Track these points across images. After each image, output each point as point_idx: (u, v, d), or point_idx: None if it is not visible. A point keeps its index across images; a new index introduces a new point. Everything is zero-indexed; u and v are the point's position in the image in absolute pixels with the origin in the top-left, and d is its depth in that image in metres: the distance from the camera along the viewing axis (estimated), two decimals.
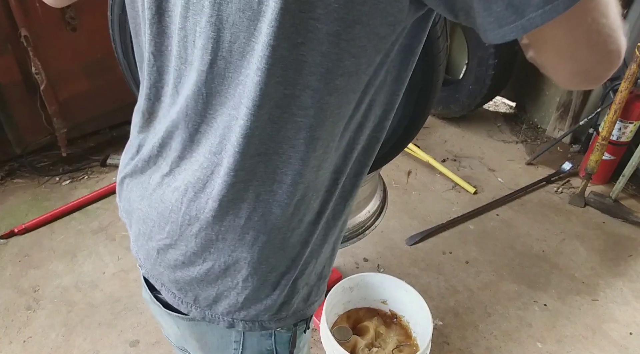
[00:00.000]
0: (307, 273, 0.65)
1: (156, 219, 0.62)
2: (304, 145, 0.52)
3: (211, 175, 0.55)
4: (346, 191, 0.62)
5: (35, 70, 2.14)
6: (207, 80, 0.52)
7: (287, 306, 0.64)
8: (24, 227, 2.08)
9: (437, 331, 1.71)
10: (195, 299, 0.63)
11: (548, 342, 1.70)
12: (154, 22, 0.56)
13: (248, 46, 0.48)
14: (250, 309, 0.62)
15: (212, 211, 0.56)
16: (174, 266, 0.62)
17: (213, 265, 0.59)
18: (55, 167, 2.50)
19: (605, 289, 1.91)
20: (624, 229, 2.22)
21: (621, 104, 2.10)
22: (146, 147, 0.64)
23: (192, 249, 0.59)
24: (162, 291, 0.67)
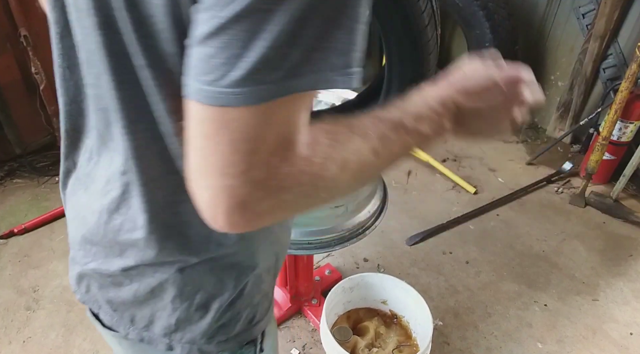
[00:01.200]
0: (247, 295, 0.60)
1: (80, 242, 0.60)
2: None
3: (123, 195, 0.52)
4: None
5: (35, 69, 2.14)
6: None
7: (226, 329, 0.60)
8: (23, 227, 2.08)
9: (437, 331, 1.71)
10: (132, 320, 0.60)
11: (548, 342, 1.70)
12: (64, 36, 0.53)
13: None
14: (185, 332, 0.59)
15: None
16: (105, 286, 0.60)
17: (139, 285, 0.57)
18: (55, 167, 2.50)
19: (605, 289, 1.91)
20: (625, 229, 2.22)
21: (621, 104, 2.09)
22: (79, 164, 0.60)
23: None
24: (100, 313, 0.63)
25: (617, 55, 2.44)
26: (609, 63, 2.48)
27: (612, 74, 2.49)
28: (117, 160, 0.51)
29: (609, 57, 2.48)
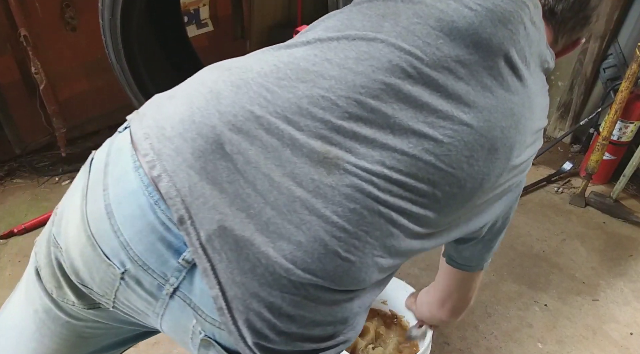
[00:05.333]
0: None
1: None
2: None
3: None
4: None
5: (35, 70, 2.14)
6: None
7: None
8: (23, 227, 2.08)
9: (437, 332, 1.71)
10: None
11: (548, 342, 1.70)
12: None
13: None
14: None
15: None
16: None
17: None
18: (54, 167, 2.50)
19: (605, 289, 1.91)
20: (625, 229, 2.22)
21: (622, 104, 2.09)
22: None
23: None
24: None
25: (617, 55, 2.44)
26: (609, 63, 2.48)
27: (612, 74, 2.49)
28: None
29: (609, 57, 2.48)
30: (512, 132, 0.67)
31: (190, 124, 0.58)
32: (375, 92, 0.60)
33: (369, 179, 0.58)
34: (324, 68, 0.61)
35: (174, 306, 0.61)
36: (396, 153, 0.60)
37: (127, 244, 0.59)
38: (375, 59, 0.62)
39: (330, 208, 0.56)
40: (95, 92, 2.47)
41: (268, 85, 0.60)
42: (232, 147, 0.57)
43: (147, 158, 0.59)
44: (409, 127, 0.61)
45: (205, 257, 0.56)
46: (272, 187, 0.56)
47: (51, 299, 0.72)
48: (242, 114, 0.58)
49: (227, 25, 3.04)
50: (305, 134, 0.58)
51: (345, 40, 0.64)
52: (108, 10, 1.73)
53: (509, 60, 0.67)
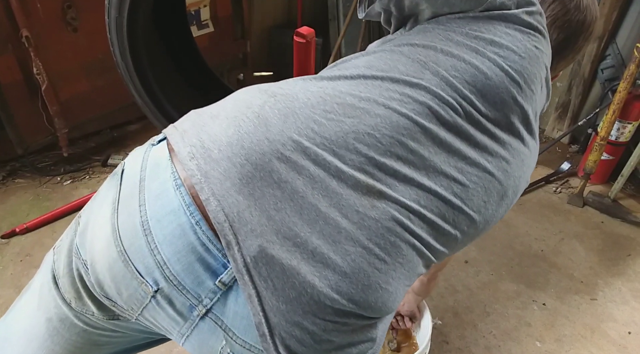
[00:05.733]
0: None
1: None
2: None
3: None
4: None
5: (37, 70, 2.15)
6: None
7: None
8: (25, 227, 2.09)
9: (437, 331, 1.72)
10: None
11: (547, 341, 1.71)
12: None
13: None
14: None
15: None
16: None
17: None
18: (56, 167, 2.51)
19: (604, 288, 1.92)
20: (623, 229, 2.23)
21: (620, 104, 2.11)
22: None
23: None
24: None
25: (615, 56, 2.46)
26: (607, 63, 2.50)
27: (610, 75, 2.50)
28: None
29: (607, 57, 2.50)
30: (522, 181, 0.76)
31: (240, 149, 0.59)
32: (416, 134, 0.64)
33: (407, 215, 0.62)
34: (370, 105, 0.64)
35: (203, 327, 0.61)
36: (430, 194, 0.64)
37: (163, 263, 0.59)
38: (418, 104, 0.66)
39: (374, 240, 0.59)
40: (97, 92, 2.48)
41: (315, 117, 0.62)
42: (279, 175, 0.58)
43: (194, 180, 0.58)
44: (442, 170, 0.66)
45: (251, 284, 0.57)
46: (318, 217, 0.58)
47: (69, 308, 0.72)
48: (290, 144, 0.60)
49: (227, 26, 3.05)
50: (351, 168, 0.60)
51: (389, 81, 0.67)
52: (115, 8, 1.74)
53: (526, 118, 0.74)
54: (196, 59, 2.28)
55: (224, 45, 3.06)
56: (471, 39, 0.71)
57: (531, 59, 0.73)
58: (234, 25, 3.10)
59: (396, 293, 0.62)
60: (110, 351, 0.81)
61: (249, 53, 3.23)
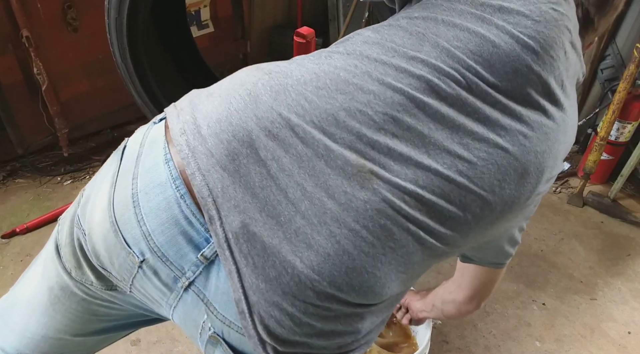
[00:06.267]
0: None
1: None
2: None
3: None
4: None
5: (37, 70, 2.15)
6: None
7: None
8: (25, 227, 2.09)
9: (436, 330, 1.72)
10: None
11: (547, 341, 1.71)
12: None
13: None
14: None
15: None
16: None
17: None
18: (56, 167, 2.51)
19: (603, 288, 1.92)
20: (622, 229, 2.23)
21: (619, 104, 2.11)
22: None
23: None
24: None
25: (615, 56, 2.46)
26: (607, 64, 2.50)
27: (610, 75, 2.50)
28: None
29: (606, 57, 2.49)
30: (546, 157, 0.68)
31: (228, 125, 0.59)
32: (413, 110, 0.61)
33: (401, 196, 0.59)
34: (363, 81, 0.62)
35: (187, 299, 0.62)
36: (430, 173, 0.60)
37: (148, 234, 0.60)
38: (414, 78, 0.62)
39: (361, 222, 0.57)
40: (97, 93, 2.49)
41: (307, 93, 0.61)
42: (266, 152, 0.57)
43: (182, 155, 0.59)
44: (444, 147, 0.61)
45: (231, 259, 0.57)
46: (304, 197, 0.57)
47: (69, 277, 0.73)
48: (279, 121, 0.59)
49: (227, 26, 3.05)
50: (341, 146, 0.58)
51: (385, 55, 0.64)
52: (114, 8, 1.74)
53: (546, 88, 0.67)
54: (196, 60, 2.29)
55: (224, 46, 3.06)
56: (477, 7, 0.66)
57: (548, 22, 0.66)
58: (234, 26, 3.10)
59: (385, 278, 0.60)
60: (109, 324, 0.82)
61: (249, 53, 3.23)
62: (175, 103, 0.68)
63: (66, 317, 0.78)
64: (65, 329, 0.79)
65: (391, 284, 0.61)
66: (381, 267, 0.59)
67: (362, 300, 0.60)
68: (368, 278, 0.58)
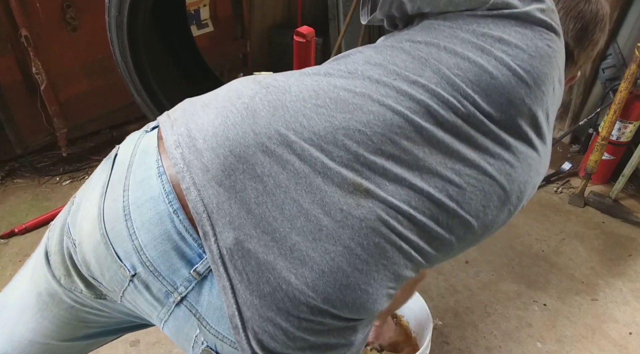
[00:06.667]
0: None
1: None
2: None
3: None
4: None
5: (36, 70, 2.15)
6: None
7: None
8: (24, 227, 2.08)
9: (437, 331, 1.71)
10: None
11: (548, 342, 1.70)
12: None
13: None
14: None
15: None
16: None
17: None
18: (55, 167, 2.50)
19: (604, 289, 1.92)
20: (624, 229, 2.23)
21: (621, 104, 2.10)
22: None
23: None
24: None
25: (616, 56, 2.45)
26: (608, 63, 2.49)
27: (611, 74, 2.50)
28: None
29: (608, 57, 2.49)
30: (527, 186, 0.72)
31: (224, 140, 0.59)
32: (410, 133, 0.62)
33: (395, 216, 0.60)
34: (364, 101, 0.62)
35: (178, 314, 0.62)
36: (422, 195, 0.62)
37: (140, 249, 0.60)
38: (414, 102, 0.63)
39: (356, 240, 0.58)
40: (96, 92, 2.48)
41: (305, 111, 0.61)
42: (263, 169, 0.57)
43: (177, 168, 0.59)
44: (437, 171, 0.63)
45: (226, 275, 0.57)
46: (299, 213, 0.57)
47: (58, 285, 0.73)
48: (277, 137, 0.58)
49: (227, 25, 3.04)
50: (338, 164, 0.59)
51: (387, 77, 0.65)
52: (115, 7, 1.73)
53: (534, 120, 0.70)
54: (196, 59, 2.28)
55: (224, 45, 3.05)
56: (478, 37, 0.68)
57: (542, 57, 0.69)
58: (234, 25, 3.09)
59: (376, 295, 0.61)
60: (97, 330, 0.82)
61: (249, 53, 3.23)
62: (169, 112, 0.67)
63: (54, 323, 0.78)
64: (52, 334, 0.79)
65: (382, 299, 0.62)
66: (374, 284, 0.59)
67: (355, 315, 0.61)
68: (361, 294, 0.59)
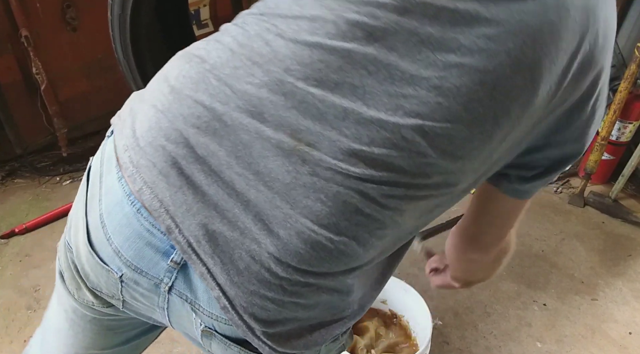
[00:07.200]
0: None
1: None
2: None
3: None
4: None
5: (36, 70, 2.15)
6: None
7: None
8: (24, 227, 2.09)
9: (437, 331, 1.72)
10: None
11: (547, 341, 1.70)
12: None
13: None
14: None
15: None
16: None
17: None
18: (55, 167, 2.50)
19: (604, 288, 1.92)
20: (623, 229, 2.23)
21: (620, 104, 2.10)
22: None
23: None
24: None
25: (616, 56, 2.45)
26: None
27: (611, 74, 2.49)
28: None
29: None
30: (527, 49, 0.53)
31: (158, 131, 0.58)
32: (337, 62, 0.53)
33: (347, 159, 0.53)
34: (277, 46, 0.55)
35: (174, 301, 0.62)
36: (373, 125, 0.53)
37: (118, 251, 0.61)
38: (330, 23, 0.54)
39: (313, 196, 0.54)
40: (96, 92, 2.48)
41: (226, 78, 0.57)
42: (202, 149, 0.56)
43: (128, 172, 0.59)
44: (383, 91, 0.53)
45: (199, 262, 0.57)
46: (249, 186, 0.55)
47: (74, 300, 0.75)
48: (205, 114, 0.56)
49: None
50: (272, 125, 0.54)
51: (297, 6, 0.56)
52: (118, 5, 1.74)
53: None
54: None
55: None
56: None
57: None
58: None
59: (355, 241, 0.57)
60: (131, 333, 0.84)
61: None
62: (120, 112, 0.67)
63: (87, 336, 0.81)
64: (91, 345, 0.82)
65: (366, 244, 0.57)
66: (346, 232, 0.56)
67: (340, 267, 0.58)
68: (334, 248, 0.56)
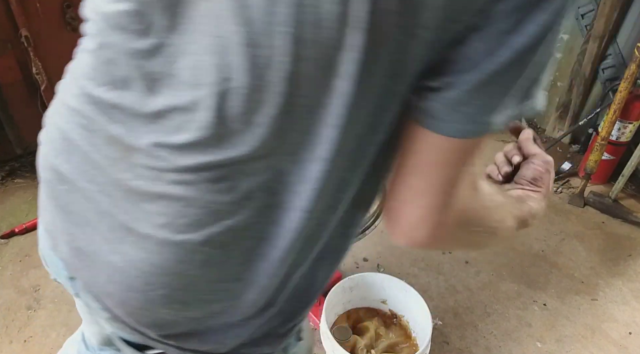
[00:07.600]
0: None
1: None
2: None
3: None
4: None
5: (36, 70, 2.15)
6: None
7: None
8: (24, 227, 2.08)
9: (437, 331, 1.72)
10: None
11: (547, 341, 1.71)
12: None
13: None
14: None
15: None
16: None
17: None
18: None
19: (604, 288, 1.92)
20: (623, 229, 2.23)
21: (620, 104, 2.10)
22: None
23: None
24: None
25: (616, 56, 2.45)
26: (608, 63, 2.49)
27: (611, 74, 2.50)
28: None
29: (608, 57, 2.49)
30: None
31: (43, 160, 0.62)
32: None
33: (156, 154, 0.49)
34: (79, 62, 0.62)
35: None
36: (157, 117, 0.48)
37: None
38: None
39: (146, 199, 0.50)
40: None
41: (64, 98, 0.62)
42: (62, 171, 0.57)
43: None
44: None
45: (77, 277, 0.60)
46: (93, 194, 0.54)
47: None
48: (59, 134, 0.59)
49: None
50: (97, 134, 0.53)
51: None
52: None
53: None
54: None
55: None
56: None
57: None
58: None
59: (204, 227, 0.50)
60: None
61: None
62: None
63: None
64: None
65: (210, 218, 0.49)
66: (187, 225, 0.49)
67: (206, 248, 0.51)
68: (176, 241, 0.50)
